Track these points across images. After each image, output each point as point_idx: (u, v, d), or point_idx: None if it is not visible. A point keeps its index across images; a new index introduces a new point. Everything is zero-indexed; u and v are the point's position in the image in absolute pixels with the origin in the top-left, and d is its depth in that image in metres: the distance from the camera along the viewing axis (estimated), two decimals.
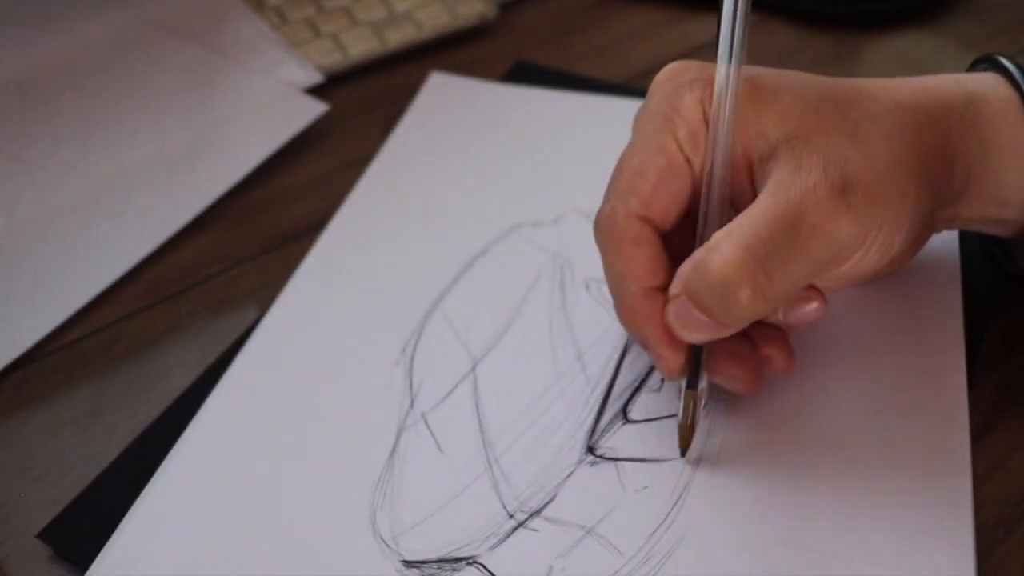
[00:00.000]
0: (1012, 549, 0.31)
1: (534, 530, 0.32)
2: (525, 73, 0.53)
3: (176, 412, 0.36)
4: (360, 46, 0.55)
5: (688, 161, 0.33)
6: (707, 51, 0.33)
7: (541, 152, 0.47)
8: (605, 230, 0.33)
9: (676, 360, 0.32)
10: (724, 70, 0.32)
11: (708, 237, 0.31)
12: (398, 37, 0.56)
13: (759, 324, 0.33)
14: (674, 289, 0.31)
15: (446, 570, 0.31)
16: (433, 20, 0.56)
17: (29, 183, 0.47)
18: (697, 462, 0.33)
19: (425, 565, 0.31)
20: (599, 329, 0.38)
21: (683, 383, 0.32)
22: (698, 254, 0.30)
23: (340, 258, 0.42)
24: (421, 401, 0.36)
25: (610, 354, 0.37)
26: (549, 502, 0.32)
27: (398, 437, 0.34)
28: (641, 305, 0.32)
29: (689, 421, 0.32)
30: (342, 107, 0.51)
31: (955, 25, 0.55)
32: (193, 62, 0.55)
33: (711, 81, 0.32)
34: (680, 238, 0.33)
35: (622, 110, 0.43)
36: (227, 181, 0.47)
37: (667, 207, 0.33)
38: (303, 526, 0.32)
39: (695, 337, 0.31)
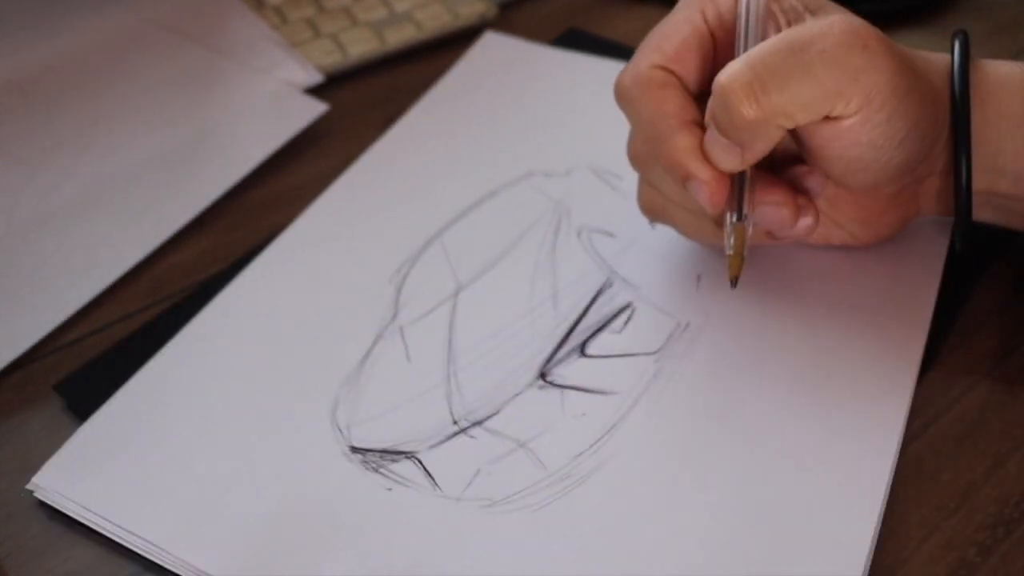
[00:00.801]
0: (1012, 549, 0.31)
1: (472, 437, 0.35)
2: (576, 39, 0.56)
3: (199, 296, 0.41)
4: (360, 46, 0.55)
5: (713, 35, 0.35)
6: None
7: (571, 112, 0.50)
8: (628, 83, 0.35)
9: (719, 190, 0.33)
10: None
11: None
12: (398, 37, 0.56)
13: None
14: (707, 117, 0.33)
15: (387, 460, 0.34)
16: (433, 20, 0.56)
17: (29, 183, 0.47)
18: (637, 400, 0.35)
19: (369, 453, 0.35)
20: (578, 273, 0.41)
21: (731, 217, 0.34)
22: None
23: (367, 184, 0.46)
24: (402, 315, 0.39)
25: (583, 296, 0.40)
26: (493, 415, 0.36)
27: (374, 343, 0.38)
28: (681, 139, 0.33)
29: (739, 251, 0.34)
30: (342, 107, 0.51)
31: (955, 25, 0.54)
32: (193, 62, 0.55)
33: None
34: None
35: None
36: (227, 181, 0.47)
37: (690, 69, 0.35)
38: (274, 409, 0.36)
39: (722, 161, 0.33)
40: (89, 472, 0.34)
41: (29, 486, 0.34)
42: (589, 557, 0.31)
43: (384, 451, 0.35)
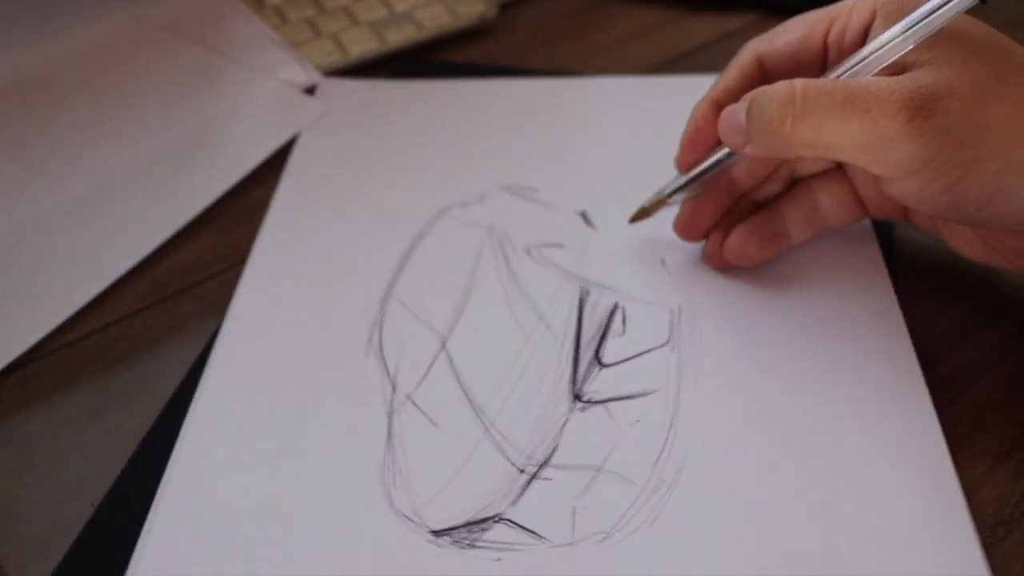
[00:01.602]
0: (1012, 549, 0.31)
1: (547, 479, 0.33)
2: (411, 68, 0.55)
3: (157, 436, 0.36)
4: (360, 46, 0.55)
5: (825, 47, 0.36)
6: (707, 51, 0.33)
7: (452, 139, 0.48)
8: (736, 54, 0.38)
9: (684, 157, 0.38)
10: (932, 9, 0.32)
11: None
12: (398, 37, 0.56)
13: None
14: (746, 95, 0.34)
15: (475, 531, 0.32)
16: (433, 20, 0.57)
17: (29, 183, 0.47)
18: (677, 393, 0.36)
19: (455, 531, 0.32)
20: (551, 289, 0.40)
21: (669, 185, 0.39)
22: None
23: (279, 269, 0.42)
24: (402, 384, 0.37)
25: (568, 309, 0.39)
26: (554, 451, 0.34)
27: (390, 421, 0.35)
28: (699, 106, 0.38)
29: (648, 208, 0.40)
30: None
31: None
32: (193, 62, 0.55)
33: (900, 10, 0.33)
34: None
35: (507, 90, 0.52)
36: (227, 181, 0.47)
37: (785, 62, 0.36)
38: (322, 523, 0.32)
39: (726, 134, 0.35)
40: None
41: None
42: (721, 547, 0.31)
43: (468, 524, 0.32)
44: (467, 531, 0.32)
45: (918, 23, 0.32)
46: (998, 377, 0.36)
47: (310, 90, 0.53)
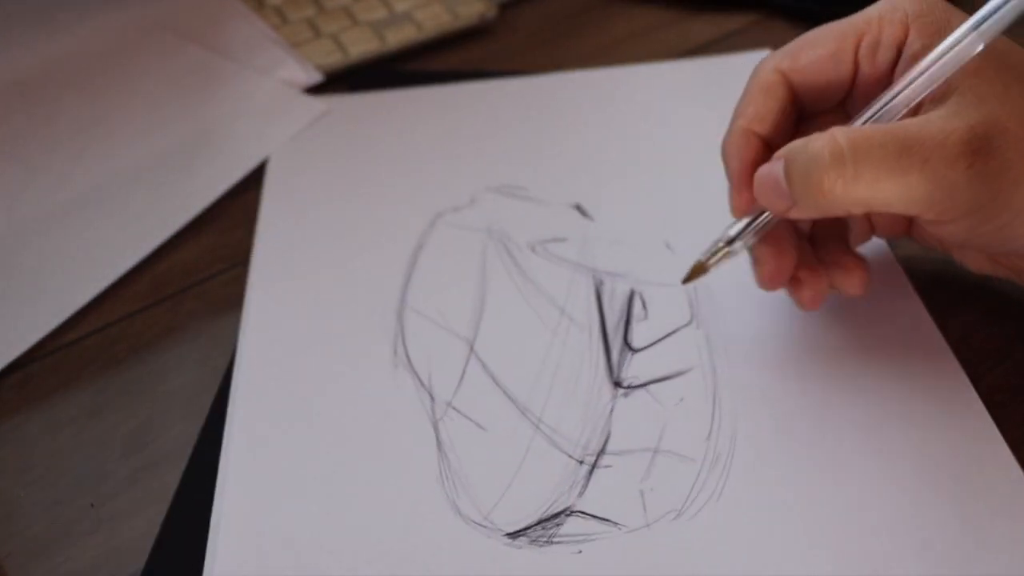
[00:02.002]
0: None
1: (608, 466, 0.33)
2: (367, 79, 0.54)
3: (195, 471, 0.35)
4: (360, 46, 0.55)
5: (856, 63, 0.33)
6: (707, 51, 0.33)
7: (425, 145, 0.48)
8: (751, 74, 0.35)
9: (739, 202, 0.34)
10: (967, 34, 0.30)
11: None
12: (398, 37, 0.56)
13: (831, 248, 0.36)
14: (779, 152, 0.32)
15: (550, 528, 0.32)
16: (433, 20, 0.56)
17: (29, 183, 0.47)
18: (712, 369, 0.36)
19: (530, 531, 0.32)
20: (564, 282, 0.40)
21: (726, 232, 0.34)
22: (820, 132, 0.31)
23: (282, 292, 0.41)
24: (440, 392, 0.36)
25: (587, 300, 0.39)
26: (608, 439, 0.34)
27: (436, 430, 0.35)
28: (735, 140, 0.34)
29: (705, 264, 0.35)
30: None
31: None
32: (193, 62, 0.55)
33: (936, 23, 0.31)
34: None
35: (485, 92, 0.51)
36: (227, 181, 0.47)
37: (812, 80, 0.34)
38: (393, 543, 0.32)
39: (766, 199, 0.32)
40: None
41: None
42: (787, 514, 0.31)
43: (541, 521, 0.32)
44: (542, 528, 0.32)
45: (988, 17, 0.29)
46: (998, 379, 0.36)
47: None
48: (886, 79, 0.33)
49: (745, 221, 0.34)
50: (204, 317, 0.41)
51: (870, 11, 0.33)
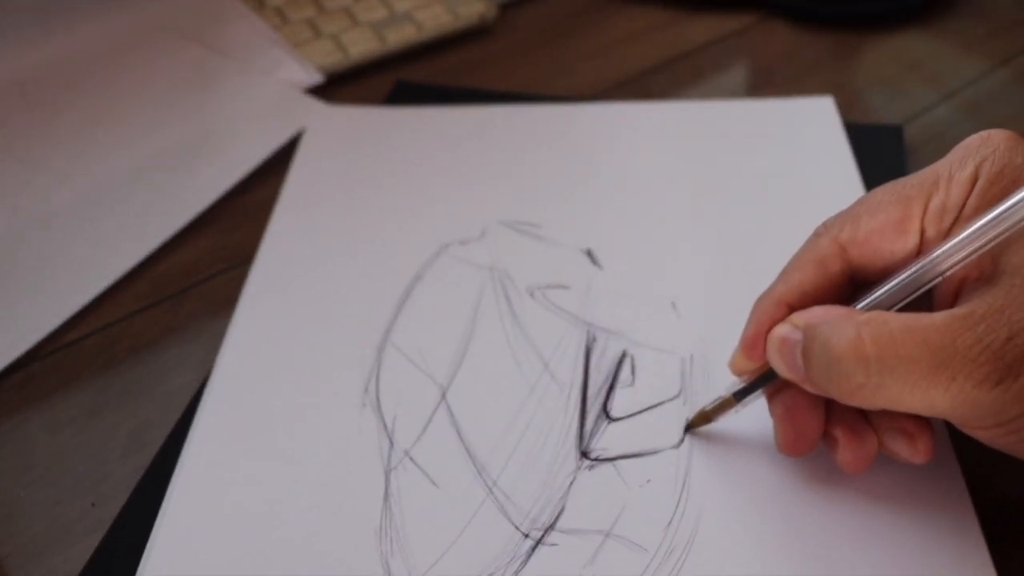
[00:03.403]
0: (1012, 549, 0.31)
1: (553, 544, 0.31)
2: (406, 93, 0.53)
3: (142, 496, 0.34)
4: (360, 46, 0.55)
5: (922, 230, 0.29)
6: (707, 51, 0.32)
7: (449, 170, 0.46)
8: (808, 238, 0.31)
9: (741, 364, 0.31)
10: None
11: (882, 301, 0.29)
12: (398, 37, 0.56)
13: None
14: (801, 318, 0.29)
15: None
16: (433, 20, 0.57)
17: (29, 183, 0.47)
18: (689, 450, 0.33)
19: None
20: (557, 334, 0.38)
21: (732, 386, 0.32)
22: (847, 316, 0.28)
23: (271, 312, 0.40)
24: (400, 439, 0.34)
25: (575, 356, 0.37)
26: (560, 514, 0.32)
27: (387, 479, 0.33)
28: (766, 307, 0.31)
29: (709, 414, 0.33)
30: None
31: (955, 25, 0.55)
32: (193, 62, 0.55)
33: (1003, 179, 0.28)
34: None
35: (507, 118, 0.49)
36: (227, 181, 0.47)
37: (872, 252, 0.30)
38: None
39: (778, 366, 0.30)
40: None
41: None
42: None
43: None
44: None
45: None
46: None
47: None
48: None
49: (755, 378, 0.31)
50: (204, 317, 0.41)
51: (940, 165, 0.30)
